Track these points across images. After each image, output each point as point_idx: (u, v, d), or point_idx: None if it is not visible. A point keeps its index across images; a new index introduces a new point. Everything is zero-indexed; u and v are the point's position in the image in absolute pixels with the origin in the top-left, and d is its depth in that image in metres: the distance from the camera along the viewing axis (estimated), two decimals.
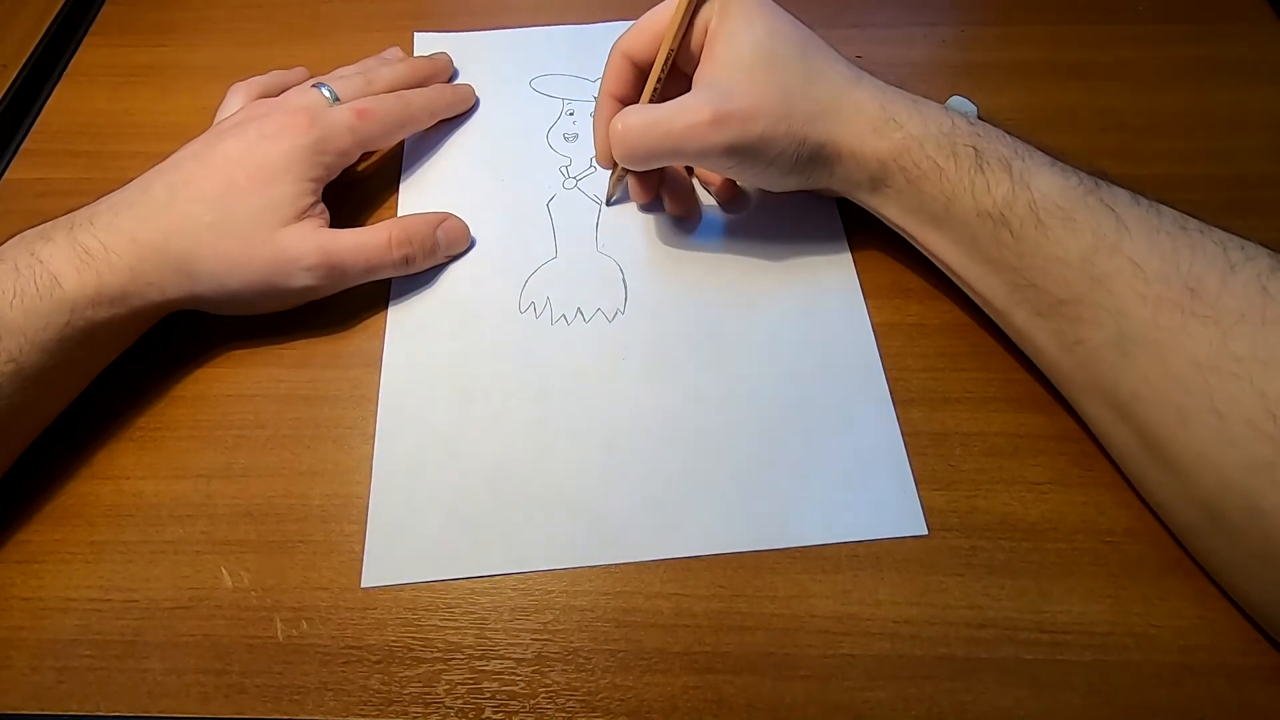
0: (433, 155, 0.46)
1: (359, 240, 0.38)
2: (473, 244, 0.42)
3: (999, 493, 0.34)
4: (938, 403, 0.37)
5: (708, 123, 0.34)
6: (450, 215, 0.41)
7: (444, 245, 0.41)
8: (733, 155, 0.35)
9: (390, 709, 0.30)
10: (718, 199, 0.43)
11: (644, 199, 0.42)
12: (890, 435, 0.36)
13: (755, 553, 0.33)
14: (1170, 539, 0.33)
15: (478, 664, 0.31)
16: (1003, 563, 0.33)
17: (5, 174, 0.46)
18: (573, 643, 0.32)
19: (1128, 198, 0.32)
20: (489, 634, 0.32)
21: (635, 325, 0.39)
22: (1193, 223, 0.31)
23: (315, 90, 0.41)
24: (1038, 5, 0.52)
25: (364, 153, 0.41)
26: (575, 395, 0.37)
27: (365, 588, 0.33)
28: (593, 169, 0.45)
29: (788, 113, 0.35)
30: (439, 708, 0.30)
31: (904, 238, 0.38)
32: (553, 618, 0.32)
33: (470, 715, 0.30)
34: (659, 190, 0.42)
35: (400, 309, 0.40)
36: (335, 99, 0.40)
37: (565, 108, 0.48)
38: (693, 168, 0.44)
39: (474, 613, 0.32)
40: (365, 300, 0.40)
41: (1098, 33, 0.50)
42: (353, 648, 0.32)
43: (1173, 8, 0.51)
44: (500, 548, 0.34)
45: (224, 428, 0.37)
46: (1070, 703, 0.30)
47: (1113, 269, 0.30)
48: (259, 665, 0.31)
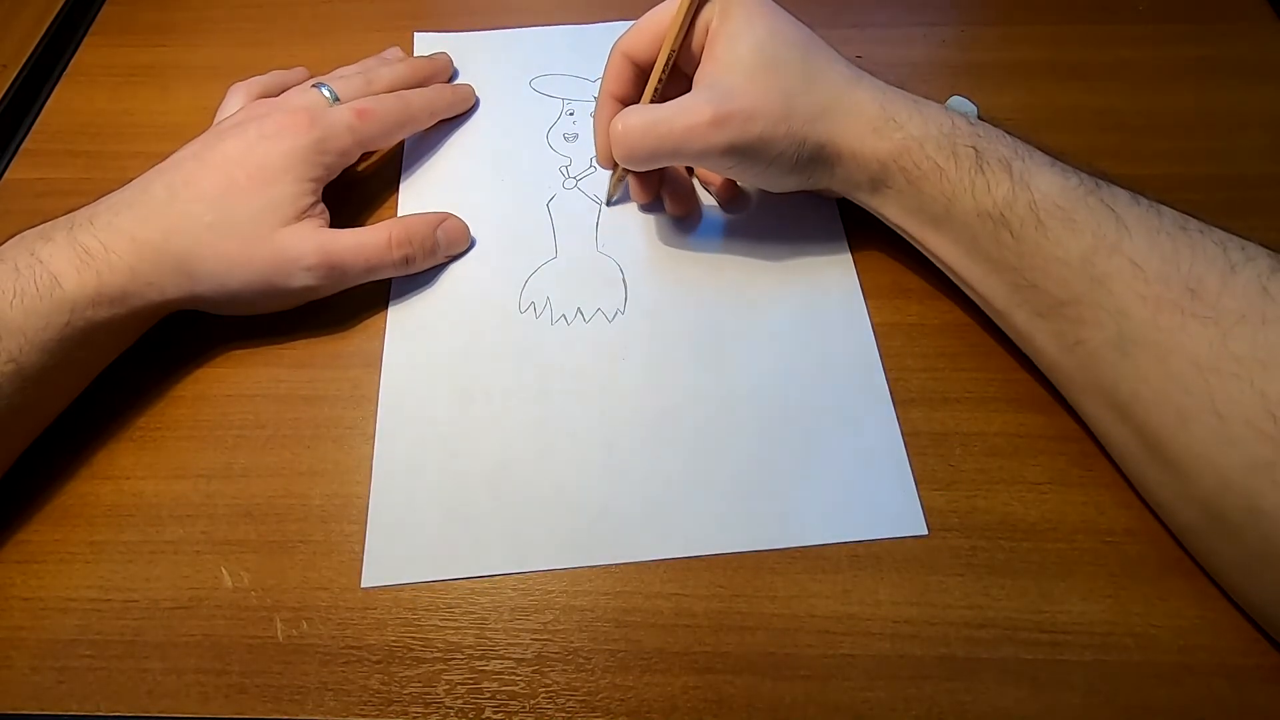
0: (433, 155, 0.46)
1: (359, 240, 0.38)
2: (473, 244, 0.42)
3: (999, 493, 0.34)
4: (938, 403, 0.37)
5: (708, 123, 0.34)
6: (450, 215, 0.41)
7: (444, 245, 0.41)
8: (733, 155, 0.35)
9: (390, 709, 0.30)
10: (718, 199, 0.43)
11: (644, 199, 0.42)
12: (890, 435, 0.36)
13: (755, 553, 0.33)
14: (1170, 539, 0.33)
15: (478, 664, 0.31)
16: (1003, 563, 0.33)
17: (5, 174, 0.46)
18: (573, 643, 0.32)
19: (1128, 198, 0.32)
20: (489, 634, 0.32)
21: (635, 325, 0.39)
22: (1193, 223, 0.31)
23: (315, 90, 0.41)
24: (1038, 5, 0.52)
25: (364, 153, 0.41)
26: (575, 395, 0.37)
27: (365, 588, 0.33)
28: (593, 169, 0.45)
29: (788, 113, 0.35)
30: (439, 708, 0.30)
31: (904, 238, 0.38)
32: (553, 618, 0.32)
33: (470, 715, 0.30)
34: (659, 191, 0.42)
35: (400, 309, 0.40)
36: (335, 99, 0.40)
37: (565, 108, 0.48)
38: (693, 168, 0.44)
39: (474, 613, 0.32)
40: (365, 300, 0.40)
41: (1098, 33, 0.50)
42: (353, 648, 0.32)
43: (1173, 8, 0.51)
44: (500, 548, 0.34)
45: (224, 428, 0.37)
46: (1070, 703, 0.30)
47: (1113, 269, 0.30)
48: (259, 665, 0.31)
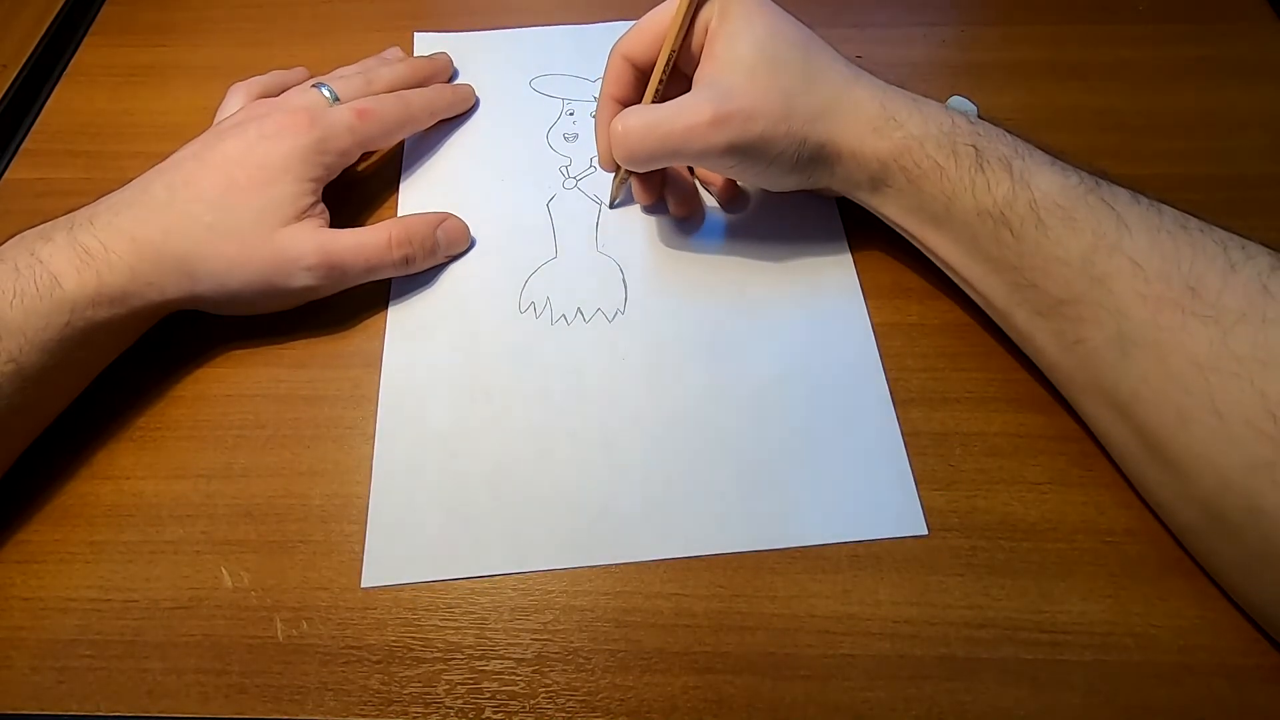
0: (433, 155, 0.46)
1: (359, 240, 0.38)
2: (473, 244, 0.42)
3: (999, 493, 0.34)
4: (938, 403, 0.37)
5: (708, 123, 0.34)
6: (450, 215, 0.41)
7: (444, 245, 0.41)
8: (733, 155, 0.35)
9: (390, 709, 0.30)
10: (718, 199, 0.43)
11: (647, 201, 0.42)
12: (890, 435, 0.36)
13: (755, 553, 0.33)
14: (1170, 539, 0.33)
15: (478, 664, 0.31)
16: (1003, 563, 0.33)
17: (5, 174, 0.46)
18: (573, 643, 0.32)
19: (1128, 197, 0.32)
20: (489, 634, 0.32)
21: (635, 325, 0.39)
22: (1193, 222, 0.31)
23: (315, 90, 0.41)
24: (1038, 5, 0.52)
25: (364, 153, 0.41)
26: (575, 395, 0.37)
27: (365, 588, 0.33)
28: (593, 169, 0.45)
29: (788, 113, 0.35)
30: (439, 708, 0.30)
31: (904, 238, 0.38)
32: (553, 618, 0.32)
33: (470, 715, 0.30)
34: (662, 192, 0.42)
35: (400, 309, 0.40)
36: (335, 99, 0.40)
37: (565, 108, 0.48)
38: (693, 168, 0.44)
39: (474, 613, 0.32)
40: (365, 300, 0.40)
41: (1098, 33, 0.50)
42: (353, 648, 0.32)
43: (1173, 8, 0.51)
44: (500, 548, 0.34)
45: (224, 428, 0.37)
46: (1070, 703, 0.30)
47: (1113, 268, 0.30)
48: (259, 665, 0.31)
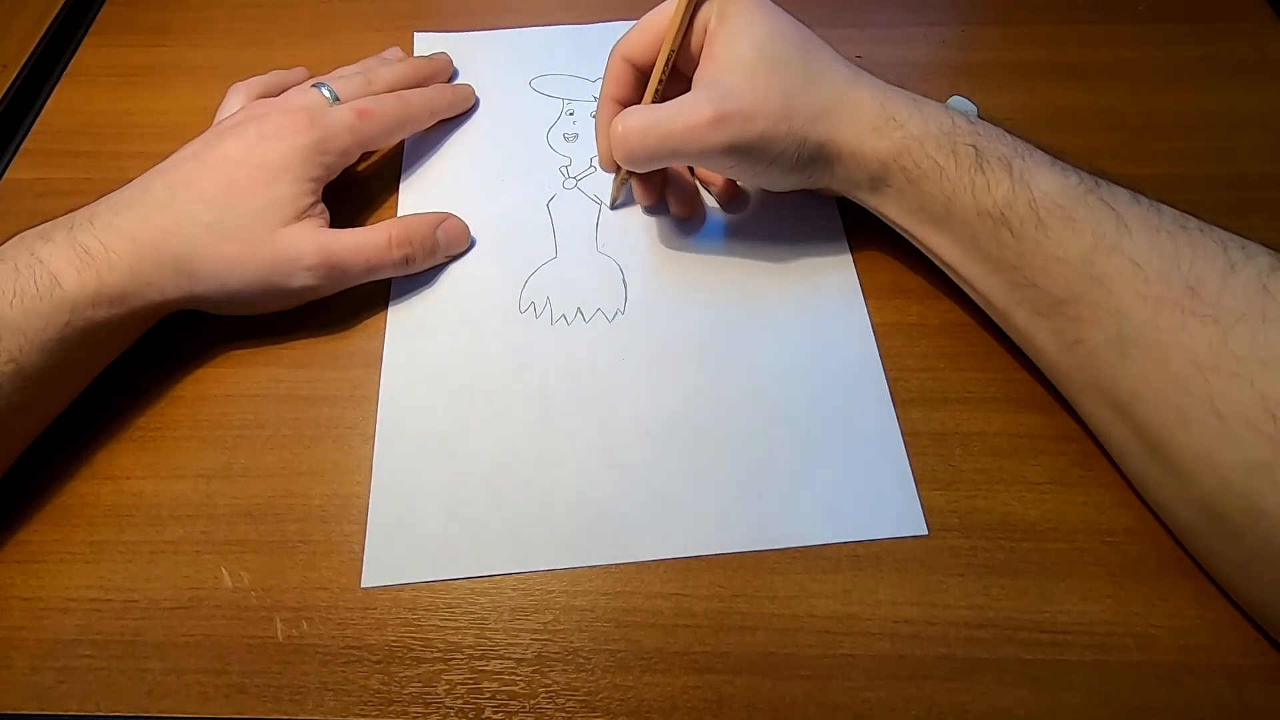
0: (433, 155, 0.46)
1: (359, 240, 0.38)
2: (473, 244, 0.42)
3: (999, 493, 0.34)
4: (938, 403, 0.37)
5: (708, 123, 0.34)
6: (450, 215, 0.41)
7: (444, 245, 0.41)
8: (733, 155, 0.35)
9: (390, 709, 0.30)
10: (718, 199, 0.43)
11: (648, 201, 0.42)
12: (890, 435, 0.36)
13: (755, 553, 0.33)
14: (1170, 539, 0.33)
15: (478, 664, 0.31)
16: (1003, 563, 0.33)
17: (5, 174, 0.46)
18: (573, 643, 0.32)
19: (1128, 197, 0.32)
20: (489, 634, 0.32)
21: (635, 325, 0.39)
22: (1193, 222, 0.31)
23: (315, 90, 0.41)
24: (1038, 5, 0.52)
25: (364, 153, 0.41)
26: (575, 395, 0.37)
27: (365, 588, 0.33)
28: (593, 169, 0.45)
29: (788, 112, 0.35)
30: (439, 708, 0.30)
31: (904, 238, 0.38)
32: (553, 618, 0.32)
33: (470, 715, 0.30)
34: (663, 192, 0.42)
35: (400, 309, 0.40)
36: (335, 99, 0.40)
37: (565, 108, 0.48)
38: (694, 168, 0.44)
39: (474, 613, 0.32)
40: (365, 300, 0.40)
41: (1098, 33, 0.50)
42: (353, 648, 0.32)
43: (1173, 8, 0.51)
44: (500, 548, 0.34)
45: (224, 428, 0.37)
46: (1070, 703, 0.30)
47: (1113, 268, 0.30)
48: (259, 665, 0.31)
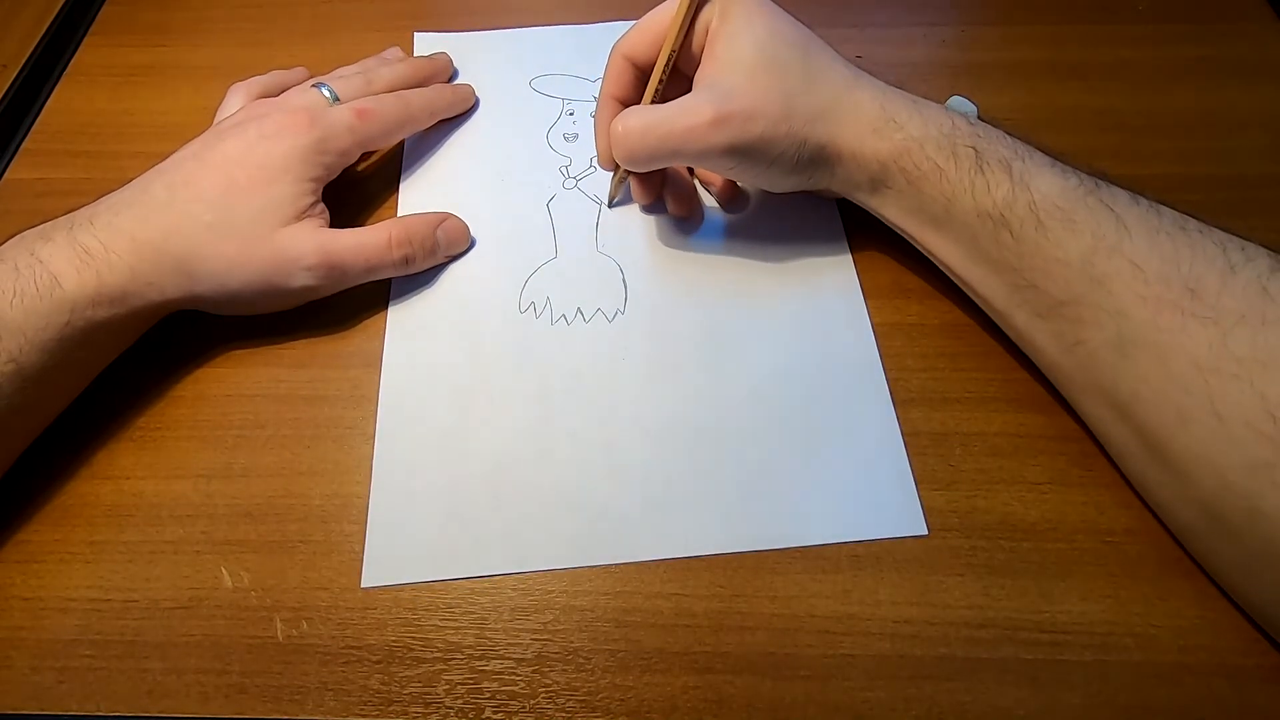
0: (433, 155, 0.46)
1: (359, 240, 0.38)
2: (473, 244, 0.42)
3: (999, 493, 0.34)
4: (938, 403, 0.37)
5: (708, 123, 0.34)
6: (450, 215, 0.41)
7: (444, 245, 0.41)
8: (733, 156, 0.35)
9: (390, 709, 0.30)
10: (718, 199, 0.43)
11: (646, 200, 0.42)
12: (890, 435, 0.36)
13: (755, 553, 0.33)
14: (1170, 539, 0.33)
15: (478, 664, 0.31)
16: (1003, 563, 0.33)
17: (5, 174, 0.46)
18: (573, 643, 0.32)
19: (1128, 198, 0.32)
20: (489, 634, 0.32)
21: (635, 325, 0.39)
22: (1193, 223, 0.31)
23: (315, 90, 0.41)
24: (1038, 5, 0.52)
25: (364, 153, 0.41)
26: (575, 395, 0.37)
27: (365, 588, 0.33)
28: (593, 169, 0.45)
29: (788, 113, 0.35)
30: (439, 708, 0.30)
31: (904, 238, 0.38)
32: (553, 618, 0.32)
33: (470, 715, 0.30)
34: (661, 191, 0.42)
35: (400, 309, 0.40)
36: (335, 99, 0.40)
37: (565, 108, 0.48)
38: (693, 169, 0.44)
39: (474, 613, 0.32)
40: (365, 300, 0.40)
41: (1098, 33, 0.50)
42: (353, 648, 0.32)
43: (1173, 8, 0.51)
44: (500, 548, 0.34)
45: (224, 428, 0.37)
46: (1070, 703, 0.30)
47: (1112, 270, 0.30)
48: (259, 665, 0.31)
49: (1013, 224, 0.32)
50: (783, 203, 0.42)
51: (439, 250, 0.40)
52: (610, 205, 0.43)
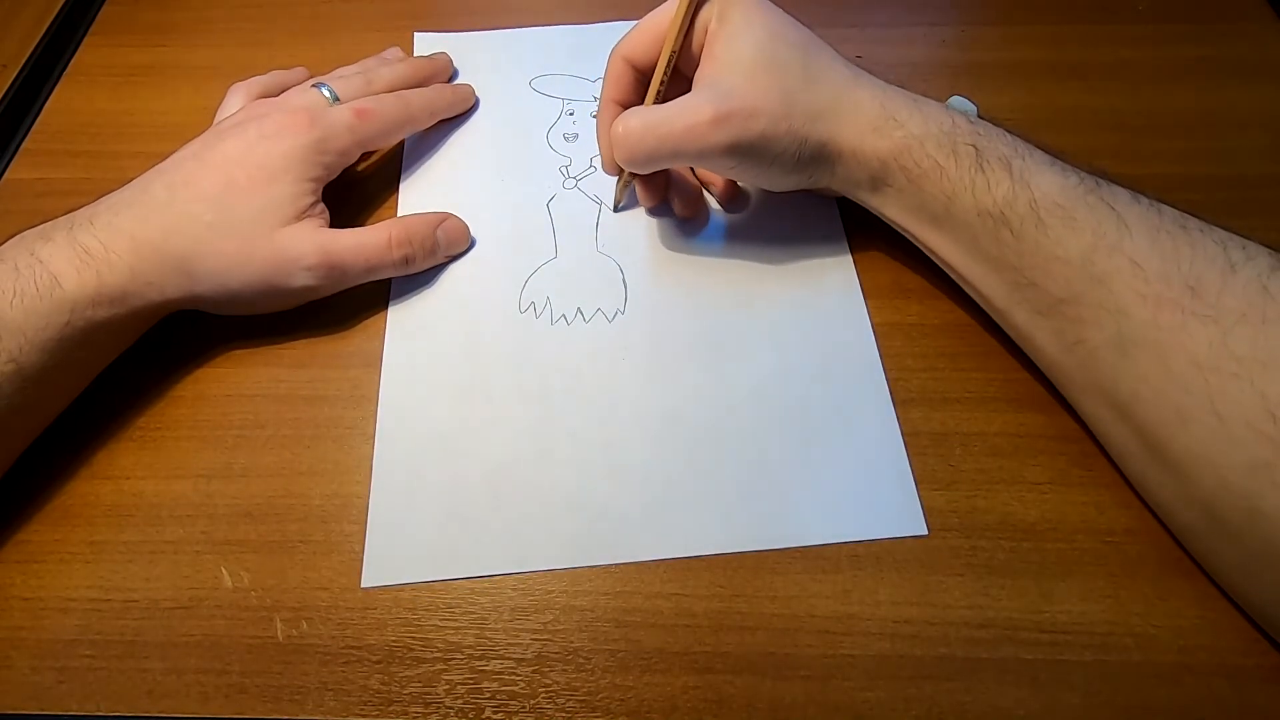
0: (433, 155, 0.46)
1: (359, 240, 0.38)
2: (473, 244, 0.42)
3: (999, 493, 0.34)
4: (938, 403, 0.37)
5: (709, 122, 0.34)
6: (450, 215, 0.41)
7: (444, 245, 0.41)
8: (734, 155, 0.35)
9: (390, 709, 0.30)
10: (718, 199, 0.43)
11: (651, 203, 0.42)
12: (890, 435, 0.36)
13: (755, 553, 0.33)
14: (1170, 539, 0.33)
15: (478, 664, 0.31)
16: (1003, 563, 0.33)
17: (5, 174, 0.46)
18: (573, 643, 0.32)
19: (1128, 197, 0.32)
20: (489, 634, 0.32)
21: (635, 325, 0.39)
22: (1193, 222, 0.31)
23: (315, 90, 0.41)
24: (1038, 5, 0.52)
25: (364, 153, 0.41)
26: (575, 395, 0.37)
27: (365, 588, 0.33)
28: (593, 169, 0.45)
29: (788, 111, 0.35)
30: (439, 708, 0.30)
31: (904, 237, 0.38)
32: (553, 618, 0.32)
33: (470, 715, 0.30)
34: (666, 194, 0.42)
35: (400, 309, 0.40)
36: (335, 99, 0.40)
37: (565, 108, 0.48)
38: (694, 169, 0.44)
39: (474, 613, 0.32)
40: (365, 300, 0.40)
41: (1098, 33, 0.50)
42: (353, 648, 0.32)
43: (1173, 8, 0.51)
44: (500, 548, 0.34)
45: (224, 428, 0.37)
46: (1070, 703, 0.30)
47: (1113, 268, 0.30)
48: (259, 665, 0.31)
49: (1013, 222, 0.32)
50: (783, 203, 0.42)
51: (439, 250, 0.40)
52: (616, 210, 0.43)
